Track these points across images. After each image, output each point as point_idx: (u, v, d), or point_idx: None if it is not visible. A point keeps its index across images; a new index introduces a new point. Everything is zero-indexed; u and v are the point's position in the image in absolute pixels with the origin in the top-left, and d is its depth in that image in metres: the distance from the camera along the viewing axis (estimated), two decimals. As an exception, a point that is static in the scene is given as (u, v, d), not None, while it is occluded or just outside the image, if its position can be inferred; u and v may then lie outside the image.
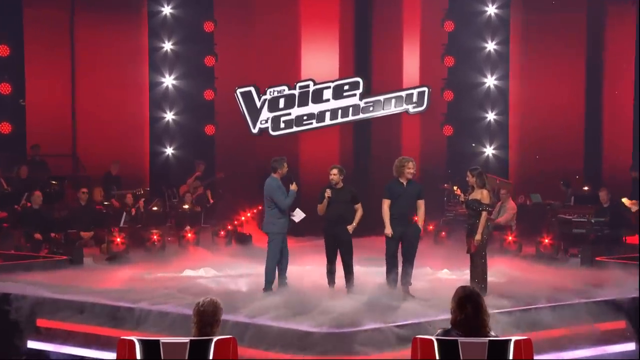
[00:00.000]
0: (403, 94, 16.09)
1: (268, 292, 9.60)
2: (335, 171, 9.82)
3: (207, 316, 4.90)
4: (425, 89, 16.09)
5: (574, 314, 8.78)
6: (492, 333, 4.76)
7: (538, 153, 17.30)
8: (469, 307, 4.67)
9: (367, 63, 17.37)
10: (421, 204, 9.65)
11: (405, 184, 9.62)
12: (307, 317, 8.25)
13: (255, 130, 16.00)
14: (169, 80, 17.03)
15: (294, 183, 9.82)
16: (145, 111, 17.21)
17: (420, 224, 9.69)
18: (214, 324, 4.92)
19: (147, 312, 8.72)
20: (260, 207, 16.28)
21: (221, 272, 11.53)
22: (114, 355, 4.95)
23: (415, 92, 15.97)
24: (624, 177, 15.67)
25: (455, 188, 10.58)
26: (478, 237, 9.39)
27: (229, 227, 14.73)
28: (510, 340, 4.61)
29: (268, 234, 9.88)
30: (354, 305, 8.74)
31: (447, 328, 4.78)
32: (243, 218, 16.00)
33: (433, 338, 4.64)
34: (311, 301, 8.82)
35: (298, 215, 9.98)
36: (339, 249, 9.78)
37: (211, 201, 16.27)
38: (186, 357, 4.65)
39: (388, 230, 9.52)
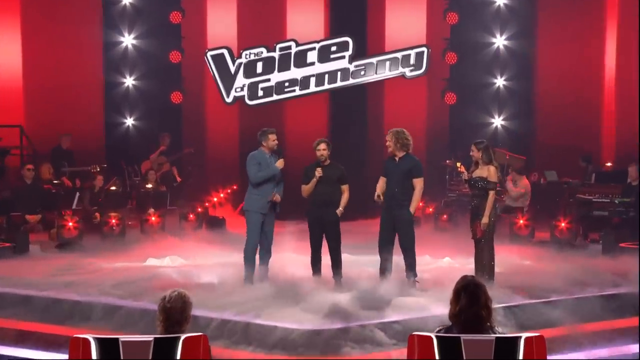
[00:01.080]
0: (399, 55, 16.07)
1: (247, 285, 9.57)
2: (323, 146, 9.82)
3: (175, 313, 4.89)
4: (425, 49, 16.06)
5: (592, 308, 8.87)
6: (499, 329, 4.81)
7: (555, 124, 17.26)
8: (463, 299, 4.72)
9: (358, 20, 17.26)
10: (416, 183, 9.45)
11: (398, 159, 9.55)
12: (290, 313, 8.28)
13: (229, 99, 15.94)
14: (128, 40, 16.93)
15: (281, 160, 9.83)
16: (100, 75, 17.10)
17: (412, 208, 9.43)
18: (183, 322, 4.91)
19: (103, 308, 8.74)
20: (235, 187, 16.32)
21: (190, 260, 11.57)
22: (65, 356, 4.95)
23: (412, 53, 15.94)
24: (627, 150, 15.60)
25: (458, 164, 10.59)
26: (485, 220, 9.43)
27: (199, 209, 14.75)
28: (521, 337, 4.64)
29: (245, 212, 9.95)
30: (342, 299, 8.78)
31: (448, 324, 4.83)
32: (215, 199, 16.03)
33: (432, 335, 4.68)
34: (294, 295, 8.86)
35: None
36: (325, 235, 9.81)
37: (178, 180, 16.27)
38: (150, 357, 4.66)
39: (376, 194, 9.46)
